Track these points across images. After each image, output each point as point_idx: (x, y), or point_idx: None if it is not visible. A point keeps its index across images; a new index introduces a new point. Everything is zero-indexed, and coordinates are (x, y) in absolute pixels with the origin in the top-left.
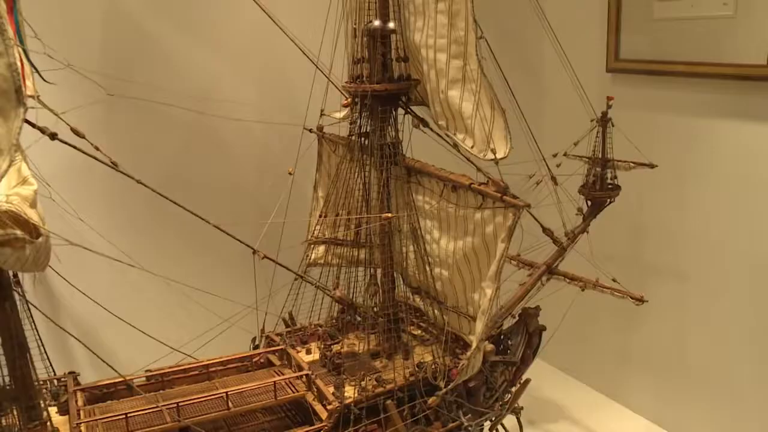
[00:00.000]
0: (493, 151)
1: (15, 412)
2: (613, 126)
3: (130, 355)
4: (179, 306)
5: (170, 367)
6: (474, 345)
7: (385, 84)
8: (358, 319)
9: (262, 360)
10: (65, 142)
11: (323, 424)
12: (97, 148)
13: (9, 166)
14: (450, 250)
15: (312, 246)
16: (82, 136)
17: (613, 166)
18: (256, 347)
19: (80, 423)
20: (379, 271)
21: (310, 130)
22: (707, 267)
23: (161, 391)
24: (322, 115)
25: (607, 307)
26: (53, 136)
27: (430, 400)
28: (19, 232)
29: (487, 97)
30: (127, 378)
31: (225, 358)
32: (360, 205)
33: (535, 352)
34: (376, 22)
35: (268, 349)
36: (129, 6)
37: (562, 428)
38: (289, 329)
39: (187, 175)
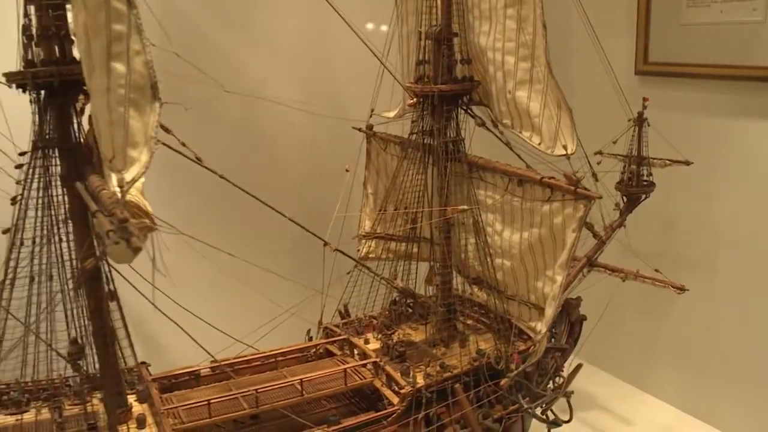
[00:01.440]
0: (565, 147)
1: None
2: (648, 126)
3: (185, 347)
4: (235, 298)
5: (234, 358)
6: (544, 330)
7: (451, 85)
8: (409, 310)
9: (320, 350)
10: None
11: (396, 407)
12: (183, 144)
13: (150, 158)
14: (514, 241)
15: (363, 240)
16: (169, 132)
17: (648, 163)
18: (310, 339)
19: (167, 409)
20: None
21: (360, 129)
22: (735, 261)
23: (231, 381)
24: (372, 114)
25: (634, 301)
26: None
27: (503, 382)
28: (147, 221)
29: (553, 96)
30: (195, 368)
31: (285, 349)
32: (419, 200)
33: (576, 340)
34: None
35: (332, 339)
36: (183, 6)
37: (593, 417)
38: (344, 320)
39: (236, 172)
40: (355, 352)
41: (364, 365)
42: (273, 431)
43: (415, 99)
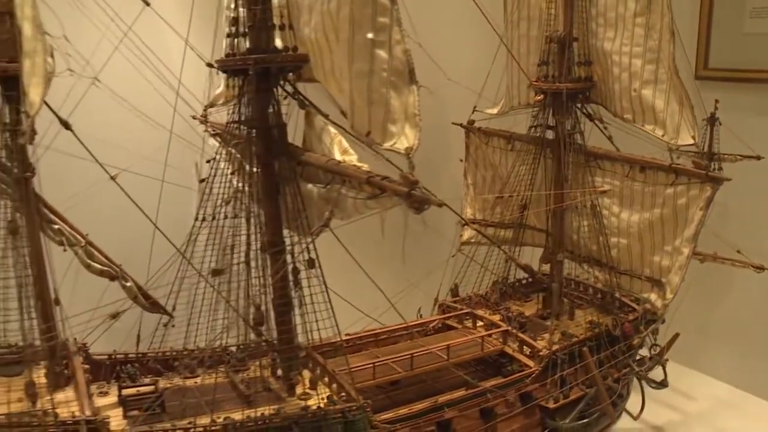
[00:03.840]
0: (693, 138)
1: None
2: (720, 125)
3: None
4: (355, 277)
5: (363, 332)
6: (671, 296)
7: (575, 83)
8: (511, 289)
9: (438, 325)
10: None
11: (533, 369)
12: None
13: (418, 132)
14: (633, 221)
15: (463, 226)
16: (345, 115)
17: (719, 158)
18: (420, 316)
19: (342, 371)
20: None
21: (460, 125)
22: None
23: (375, 350)
24: (474, 110)
25: (686, 285)
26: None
27: (635, 341)
28: None
29: (676, 94)
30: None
31: (408, 324)
32: (533, 189)
33: None
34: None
35: (456, 313)
36: None
37: (655, 392)
38: (455, 298)
39: None
40: (478, 324)
41: (490, 335)
42: (412, 395)
43: (541, 96)
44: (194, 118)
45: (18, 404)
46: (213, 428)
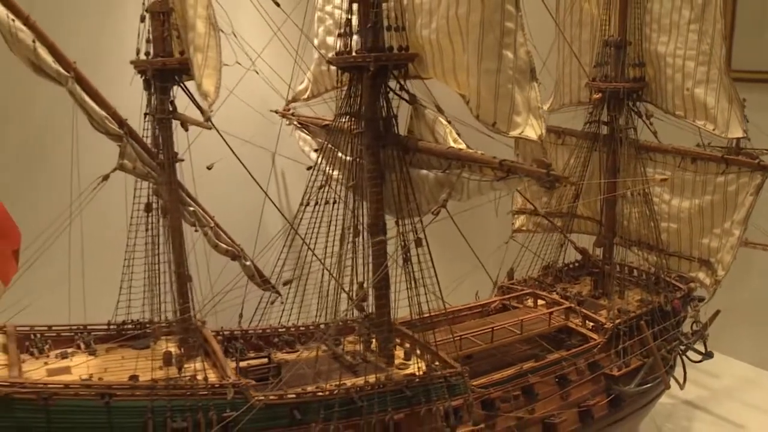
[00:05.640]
0: (745, 131)
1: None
2: (748, 122)
3: None
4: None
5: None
6: (723, 273)
7: (631, 83)
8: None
9: (498, 305)
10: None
11: (599, 340)
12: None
13: (543, 122)
14: (683, 207)
15: (514, 215)
16: (441, 112)
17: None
18: (477, 298)
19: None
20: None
21: None
22: None
23: (452, 326)
24: None
25: None
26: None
27: (690, 314)
28: None
29: (725, 93)
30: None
31: (472, 304)
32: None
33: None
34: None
35: (519, 293)
36: None
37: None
38: (511, 281)
39: None
40: (539, 303)
41: (553, 312)
42: (485, 368)
43: (599, 94)
44: (276, 112)
45: (159, 372)
46: (338, 392)
